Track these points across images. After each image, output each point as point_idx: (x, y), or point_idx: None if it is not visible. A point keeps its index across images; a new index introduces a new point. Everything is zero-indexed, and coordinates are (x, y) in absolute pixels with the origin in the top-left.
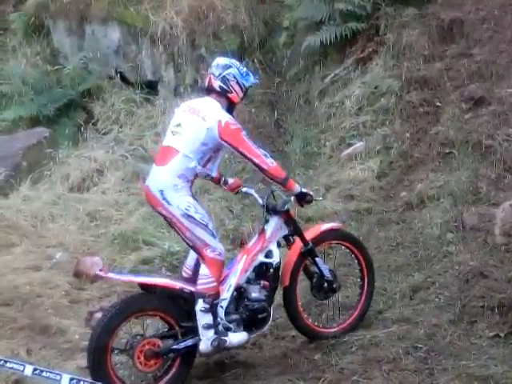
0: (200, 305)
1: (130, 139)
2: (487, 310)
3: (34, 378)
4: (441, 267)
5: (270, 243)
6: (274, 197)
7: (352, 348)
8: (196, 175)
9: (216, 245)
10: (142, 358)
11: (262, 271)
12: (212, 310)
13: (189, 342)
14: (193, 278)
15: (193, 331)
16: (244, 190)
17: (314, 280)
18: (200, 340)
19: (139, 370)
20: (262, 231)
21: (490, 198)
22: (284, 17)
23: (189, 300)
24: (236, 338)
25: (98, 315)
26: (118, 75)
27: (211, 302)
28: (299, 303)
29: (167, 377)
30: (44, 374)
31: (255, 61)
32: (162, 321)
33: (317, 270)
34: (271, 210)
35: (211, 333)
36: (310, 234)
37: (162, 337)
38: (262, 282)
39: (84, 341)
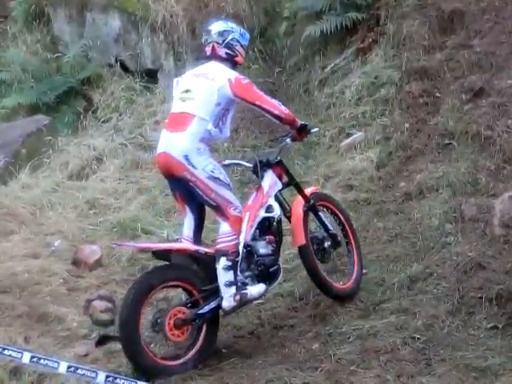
0: (222, 263)
1: (130, 127)
2: (485, 301)
3: (32, 366)
4: (439, 258)
5: (268, 197)
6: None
7: (350, 338)
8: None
9: (237, 202)
10: (172, 328)
11: (265, 226)
12: (234, 267)
13: (212, 305)
14: (195, 237)
15: (212, 294)
16: (226, 162)
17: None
18: (222, 298)
19: (171, 340)
20: (259, 187)
21: (489, 190)
22: (284, 6)
23: (204, 262)
24: (255, 289)
25: (96, 303)
26: (118, 63)
27: (233, 259)
28: (316, 260)
29: (197, 344)
30: (42, 361)
31: (255, 50)
32: (182, 290)
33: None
34: (265, 165)
35: (233, 289)
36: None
37: (185, 305)
38: (266, 237)
39: (82, 328)
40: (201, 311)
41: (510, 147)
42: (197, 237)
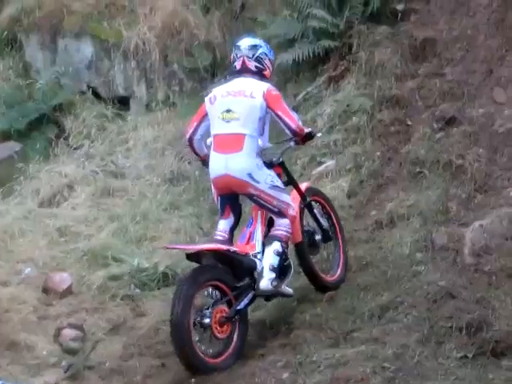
0: (276, 246)
1: (101, 154)
2: (455, 330)
3: None
4: (410, 287)
5: None
6: None
7: (320, 367)
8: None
9: (292, 203)
10: (218, 326)
11: (273, 223)
12: (282, 255)
13: (246, 301)
14: (228, 241)
15: (243, 291)
16: None
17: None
18: (262, 278)
19: (218, 338)
20: None
21: (460, 218)
22: (257, 34)
23: (232, 261)
24: (286, 288)
25: (66, 331)
26: (90, 90)
27: (285, 247)
28: (310, 258)
29: (234, 340)
30: None
31: (227, 78)
32: (216, 289)
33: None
34: (268, 165)
35: (273, 274)
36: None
37: (223, 303)
38: None
39: (52, 356)
40: (239, 307)
41: (481, 176)
42: (231, 233)
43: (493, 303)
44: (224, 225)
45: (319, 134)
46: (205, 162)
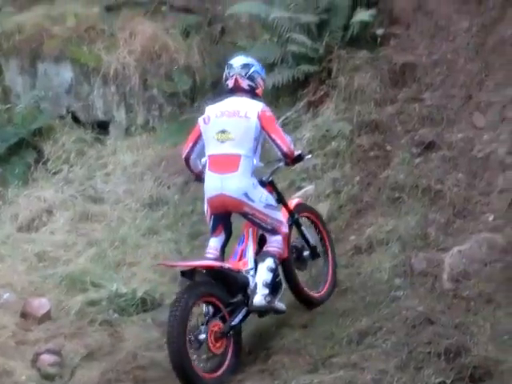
0: (269, 263)
1: (80, 179)
2: (434, 356)
3: None
4: (388, 312)
5: None
6: None
7: None
8: None
9: (285, 220)
10: (214, 341)
11: (264, 241)
12: (275, 271)
13: (240, 316)
14: (220, 258)
15: (237, 307)
16: None
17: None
18: (255, 294)
19: (214, 353)
20: None
21: (439, 243)
22: None
23: (228, 277)
24: (279, 304)
25: (45, 357)
26: (70, 114)
27: (278, 263)
28: (296, 274)
29: (229, 354)
30: None
31: (207, 102)
32: (210, 305)
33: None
34: (259, 184)
35: (267, 290)
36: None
37: (217, 319)
38: None
39: (30, 382)
40: (233, 323)
41: (460, 201)
42: (222, 250)
43: (471, 329)
44: (215, 242)
45: (308, 156)
46: (198, 177)
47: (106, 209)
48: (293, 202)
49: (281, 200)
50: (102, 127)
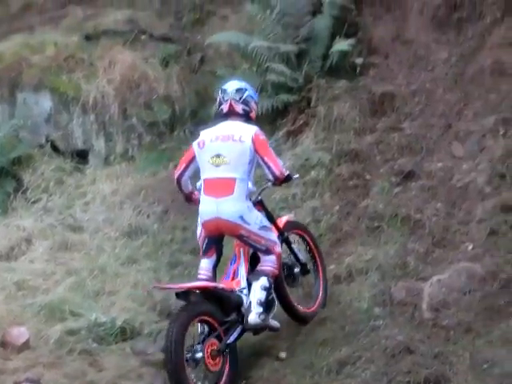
0: (262, 282)
1: (59, 208)
2: None
3: None
4: (368, 342)
5: None
6: None
7: None
8: None
9: (277, 240)
10: (210, 359)
11: (255, 260)
12: (269, 289)
13: (235, 334)
14: (212, 278)
15: (231, 325)
16: None
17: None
18: (250, 312)
19: (211, 371)
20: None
21: (418, 273)
22: (216, 87)
23: (222, 297)
24: (273, 322)
25: None
26: (49, 143)
27: (271, 282)
28: (288, 291)
29: (226, 372)
30: None
31: (186, 131)
32: (205, 324)
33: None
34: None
35: (261, 309)
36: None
37: (213, 337)
38: None
39: None
40: (229, 341)
41: (439, 230)
42: (214, 270)
43: (450, 358)
44: (207, 263)
45: (296, 176)
46: (188, 198)
47: (85, 238)
48: (282, 219)
49: (270, 218)
50: (82, 156)
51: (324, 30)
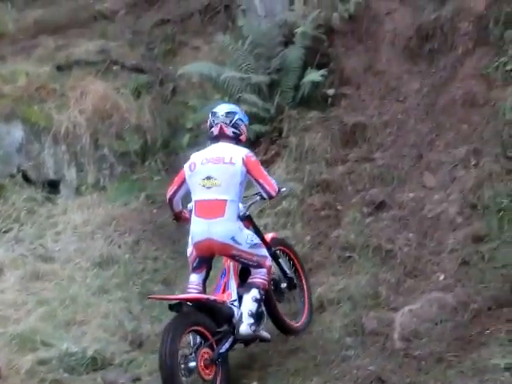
0: (253, 294)
1: (31, 238)
2: None
3: None
4: (339, 372)
5: None
6: None
7: None
8: None
9: (268, 254)
10: (204, 368)
11: (245, 273)
12: (259, 301)
13: (227, 344)
14: (203, 292)
15: (224, 335)
16: None
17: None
18: (241, 323)
19: (204, 379)
20: None
21: (390, 303)
22: (188, 118)
23: (214, 308)
24: (264, 332)
25: None
26: (20, 173)
27: (263, 294)
28: (276, 304)
29: (218, 381)
30: None
31: (158, 161)
32: (198, 334)
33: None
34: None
35: (252, 320)
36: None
37: (205, 347)
38: None
39: None
40: (221, 350)
41: (410, 261)
42: (204, 284)
43: None
44: (196, 278)
45: (283, 189)
46: (177, 217)
47: (56, 268)
48: (268, 235)
49: (258, 233)
50: (53, 186)
51: (296, 60)
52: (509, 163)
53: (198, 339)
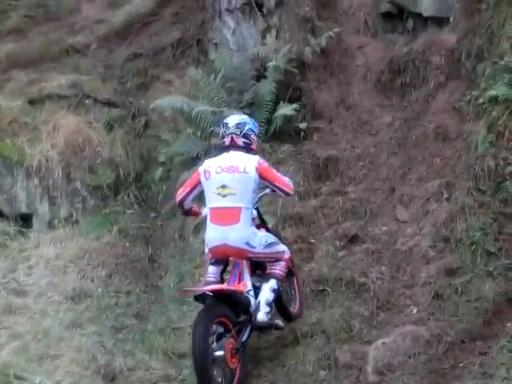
0: (271, 284)
1: (3, 272)
2: None
3: None
4: None
5: None
6: None
7: None
8: None
9: (285, 248)
10: (230, 357)
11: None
12: (277, 291)
13: (247, 333)
14: (221, 282)
15: (243, 325)
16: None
17: None
18: (258, 312)
19: (230, 368)
20: None
21: (363, 336)
22: (160, 152)
23: (234, 299)
24: (278, 321)
25: None
26: None
27: (280, 285)
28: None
29: (239, 369)
30: None
31: (130, 195)
32: (221, 325)
33: None
34: None
35: (268, 308)
36: None
37: (229, 337)
38: None
39: None
40: (243, 339)
41: (383, 294)
42: (221, 275)
43: None
44: (215, 269)
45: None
46: (187, 212)
47: (29, 301)
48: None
49: (264, 226)
50: (25, 220)
51: (268, 94)
52: (481, 196)
53: (221, 330)
